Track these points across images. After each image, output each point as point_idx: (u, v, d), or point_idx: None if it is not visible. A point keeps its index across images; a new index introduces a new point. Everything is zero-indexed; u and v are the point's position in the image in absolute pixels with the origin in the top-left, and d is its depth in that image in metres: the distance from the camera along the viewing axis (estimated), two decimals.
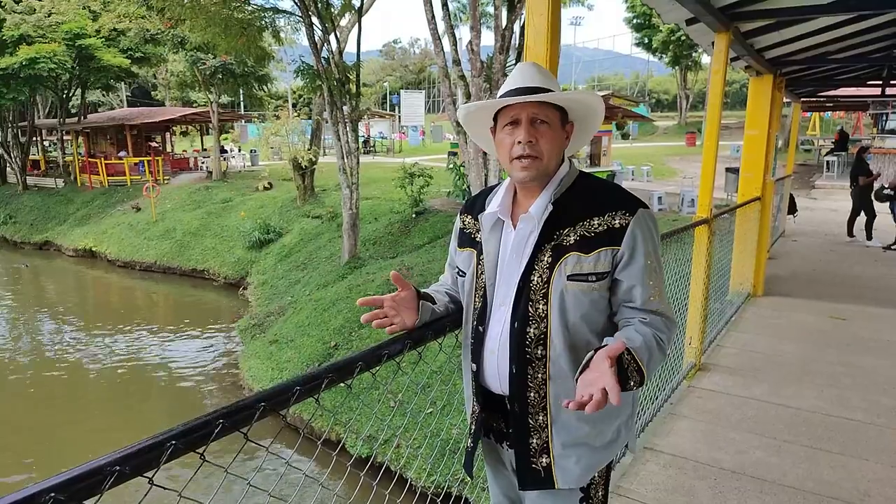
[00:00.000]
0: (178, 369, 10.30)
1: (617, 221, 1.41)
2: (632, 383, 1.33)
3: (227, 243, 16.92)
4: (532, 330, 1.44)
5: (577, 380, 1.29)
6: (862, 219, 10.31)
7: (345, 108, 12.58)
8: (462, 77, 10.51)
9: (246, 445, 1.22)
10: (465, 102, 10.36)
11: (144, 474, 0.96)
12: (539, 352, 1.44)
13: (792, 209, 11.49)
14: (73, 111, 25.63)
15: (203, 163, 25.97)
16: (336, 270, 12.65)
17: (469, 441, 1.63)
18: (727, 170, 14.64)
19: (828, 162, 20.30)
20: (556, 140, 1.46)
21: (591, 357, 1.29)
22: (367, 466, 5.95)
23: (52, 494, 0.84)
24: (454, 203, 15.56)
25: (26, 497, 0.83)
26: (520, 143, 1.43)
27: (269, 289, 13.85)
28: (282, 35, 14.98)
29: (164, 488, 1.01)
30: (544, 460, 1.49)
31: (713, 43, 4.59)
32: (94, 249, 18.95)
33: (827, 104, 18.55)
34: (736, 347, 5.20)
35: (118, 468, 0.92)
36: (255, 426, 1.14)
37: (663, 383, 4.03)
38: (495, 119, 1.52)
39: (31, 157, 26.46)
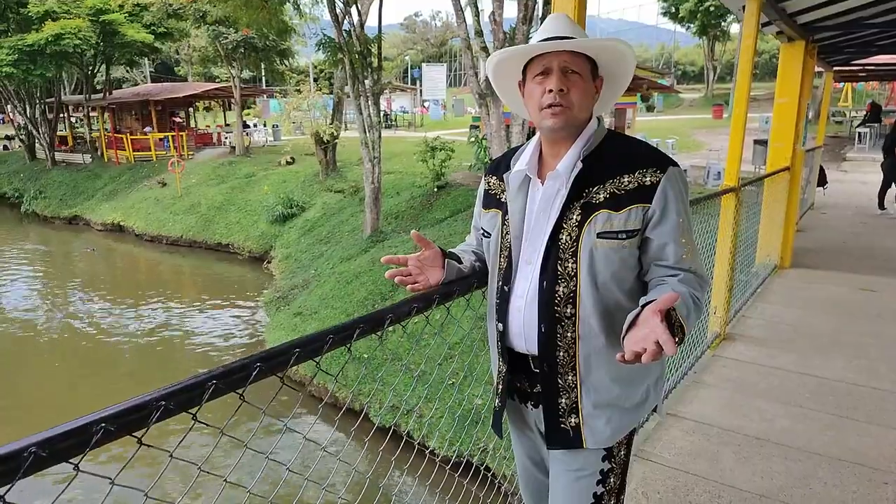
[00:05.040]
0: (205, 341, 10.51)
1: (648, 178, 1.39)
2: (677, 339, 1.27)
3: (250, 217, 17.11)
4: (561, 288, 1.43)
5: (623, 338, 1.25)
6: (893, 191, 10.05)
7: (366, 81, 12.53)
8: (484, 49, 10.40)
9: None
10: None
11: (189, 411, 1.01)
12: (568, 311, 1.43)
13: (822, 181, 11.24)
14: (99, 87, 25.89)
15: (226, 138, 26.18)
16: (358, 244, 12.75)
17: (497, 401, 1.64)
18: (755, 142, 14.36)
19: (859, 134, 19.78)
20: (586, 92, 1.43)
21: (638, 314, 1.26)
22: (370, 431, 6.05)
23: (104, 424, 0.89)
24: (476, 177, 15.50)
25: (80, 427, 0.88)
26: (550, 91, 1.40)
27: (292, 262, 14.01)
28: (303, 8, 14.93)
29: (208, 425, 1.05)
30: (573, 420, 1.49)
31: (744, 7, 4.47)
32: (121, 224, 19.31)
33: (860, 73, 17.98)
34: (762, 318, 5.15)
35: (163, 403, 0.96)
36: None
37: (687, 352, 4.02)
38: (524, 73, 1.50)
39: (58, 133, 26.84)
